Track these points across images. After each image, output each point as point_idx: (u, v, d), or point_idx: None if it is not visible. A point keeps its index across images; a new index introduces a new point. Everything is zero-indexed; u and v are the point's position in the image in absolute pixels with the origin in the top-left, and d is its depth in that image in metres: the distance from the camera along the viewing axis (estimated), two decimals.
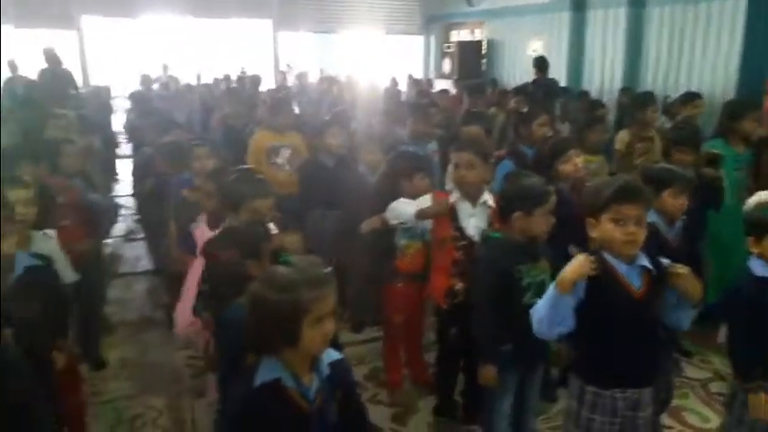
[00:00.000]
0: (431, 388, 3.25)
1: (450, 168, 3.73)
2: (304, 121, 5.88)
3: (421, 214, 2.85)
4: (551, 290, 1.91)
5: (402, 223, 2.96)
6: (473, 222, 2.75)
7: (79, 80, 10.63)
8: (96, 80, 10.26)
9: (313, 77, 10.84)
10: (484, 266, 2.42)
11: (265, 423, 1.50)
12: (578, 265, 1.87)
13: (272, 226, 1.94)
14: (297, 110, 6.73)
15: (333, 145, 4.02)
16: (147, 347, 3.86)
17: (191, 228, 3.42)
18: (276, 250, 1.55)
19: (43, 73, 7.79)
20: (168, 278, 4.37)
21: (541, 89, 6.92)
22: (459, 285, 2.74)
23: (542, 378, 2.68)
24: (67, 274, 2.62)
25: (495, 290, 2.34)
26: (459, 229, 2.76)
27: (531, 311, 1.98)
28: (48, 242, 2.54)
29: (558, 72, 8.75)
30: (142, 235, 5.81)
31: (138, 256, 5.45)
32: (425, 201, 2.87)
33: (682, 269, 1.96)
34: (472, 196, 2.77)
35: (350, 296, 3.95)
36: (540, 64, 7.54)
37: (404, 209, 2.92)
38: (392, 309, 3.19)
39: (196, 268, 2.90)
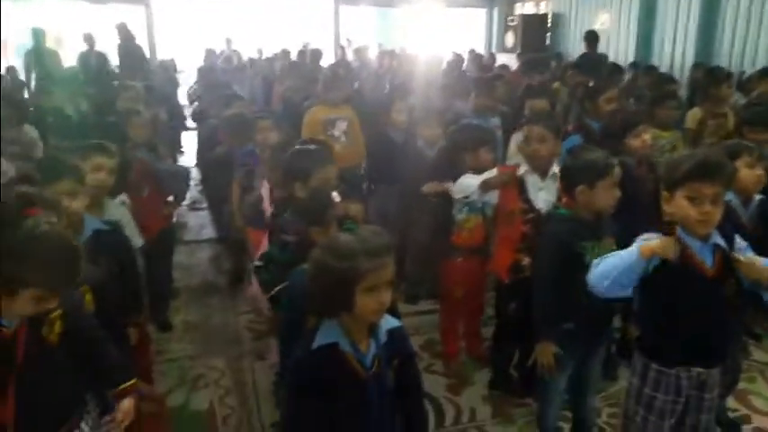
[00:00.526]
0: (486, 361, 3.25)
1: (513, 145, 3.70)
2: (363, 95, 5.89)
3: (486, 184, 2.81)
4: (633, 252, 1.83)
5: (465, 197, 2.93)
6: (542, 196, 2.71)
7: (147, 54, 10.98)
8: (163, 54, 10.53)
9: (373, 52, 10.81)
10: (547, 242, 2.39)
11: (322, 385, 1.53)
12: (667, 244, 1.79)
13: (335, 195, 1.96)
14: (356, 85, 6.77)
15: (399, 120, 4.02)
16: (209, 311, 4.00)
17: (254, 198, 3.53)
18: (342, 217, 1.57)
19: (119, 48, 8.11)
20: (230, 246, 4.52)
21: (589, 63, 6.74)
22: (525, 260, 2.70)
23: (604, 356, 2.64)
24: (135, 240, 2.72)
25: (556, 266, 2.30)
26: (528, 202, 2.72)
27: (594, 263, 1.91)
28: (119, 209, 2.65)
29: (626, 47, 8.43)
30: (206, 205, 6.03)
31: (202, 224, 5.63)
32: (490, 174, 2.84)
33: (743, 258, 1.88)
34: (542, 169, 2.72)
35: (407, 269, 3.98)
36: (590, 37, 7.37)
37: (469, 182, 2.89)
38: (450, 283, 3.19)
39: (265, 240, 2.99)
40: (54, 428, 1.53)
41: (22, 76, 7.82)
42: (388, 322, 1.64)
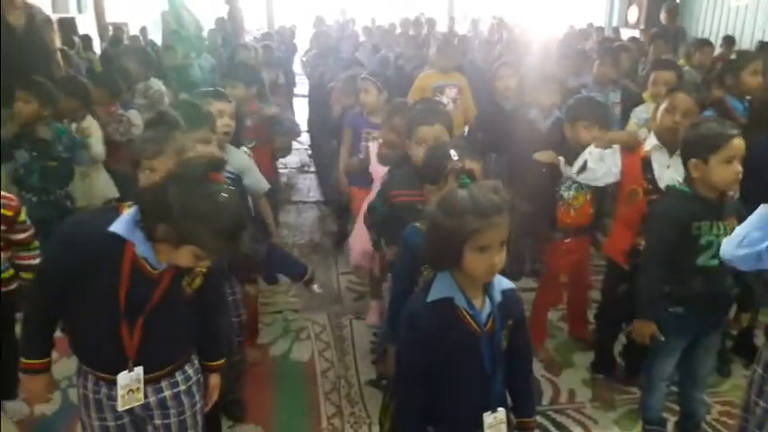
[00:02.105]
0: (588, 343, 3.14)
1: (632, 121, 3.47)
2: (475, 65, 5.78)
3: (609, 139, 2.65)
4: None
5: (581, 169, 2.77)
6: (668, 174, 2.50)
7: (264, 21, 11.36)
8: (281, 21, 10.83)
9: (486, 24, 10.55)
10: (658, 217, 2.25)
11: (436, 339, 1.52)
12: None
13: (453, 152, 1.93)
14: (468, 55, 6.65)
15: (505, 87, 3.91)
16: (313, 268, 4.07)
17: (360, 158, 3.58)
18: (459, 171, 1.54)
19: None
20: (335, 208, 4.63)
21: (669, 35, 6.24)
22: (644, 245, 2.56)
23: (718, 349, 2.47)
24: (262, 184, 2.79)
25: (667, 245, 2.16)
26: (653, 182, 2.54)
27: (736, 231, 1.73)
28: (241, 156, 2.74)
29: (765, 23, 7.69)
30: (314, 168, 6.21)
31: (309, 186, 5.81)
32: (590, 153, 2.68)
33: None
34: (672, 146, 2.51)
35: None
36: (670, 9, 7.09)
37: (587, 153, 2.73)
38: (555, 265, 3.08)
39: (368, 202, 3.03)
40: (165, 364, 1.64)
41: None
42: (502, 283, 1.61)
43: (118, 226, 1.45)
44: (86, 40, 8.06)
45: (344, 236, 4.43)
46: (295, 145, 5.79)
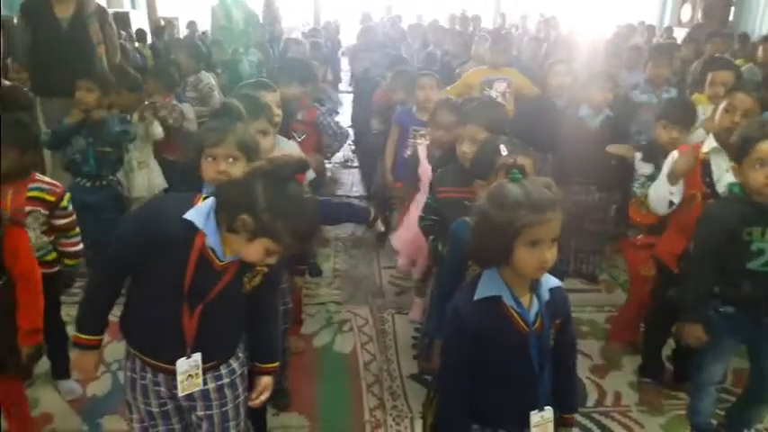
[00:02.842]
0: (636, 347, 3.08)
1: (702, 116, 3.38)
2: (524, 64, 5.73)
3: (673, 176, 2.51)
4: None
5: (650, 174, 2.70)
6: (727, 178, 2.39)
7: (311, 16, 11.46)
8: (327, 16, 10.91)
9: (533, 21, 10.44)
10: (709, 221, 2.19)
11: (483, 337, 1.51)
12: None
13: (503, 148, 1.92)
14: (515, 52, 6.59)
15: (556, 84, 3.86)
16: (356, 262, 4.15)
17: (408, 155, 3.58)
18: (509, 166, 1.53)
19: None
20: (378, 203, 4.65)
21: (725, 33, 6.05)
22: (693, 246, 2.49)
23: None
24: (308, 173, 2.83)
25: (715, 248, 2.11)
26: (711, 186, 2.45)
27: None
28: (291, 145, 2.76)
29: None
30: (357, 163, 6.24)
31: (353, 181, 5.85)
32: (672, 159, 2.60)
33: None
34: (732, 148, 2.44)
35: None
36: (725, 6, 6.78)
37: (662, 189, 2.59)
38: (638, 263, 2.97)
39: (419, 199, 3.03)
40: (217, 354, 1.67)
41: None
42: (550, 281, 1.59)
43: (193, 214, 1.49)
44: (140, 34, 8.27)
45: (387, 230, 4.46)
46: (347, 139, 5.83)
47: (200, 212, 1.50)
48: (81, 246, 2.58)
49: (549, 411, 1.61)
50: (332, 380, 2.90)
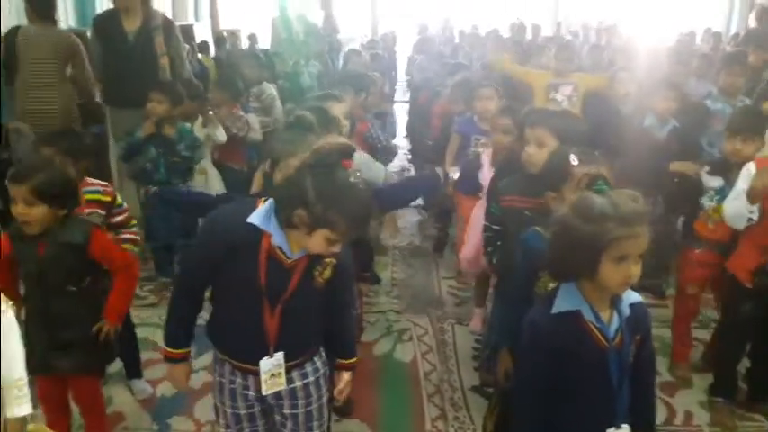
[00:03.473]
0: (706, 364, 2.97)
1: None
2: (583, 69, 5.64)
3: (754, 194, 2.38)
4: None
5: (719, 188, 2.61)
6: None
7: (368, 28, 11.60)
8: (384, 28, 11.01)
9: (592, 30, 10.26)
10: None
11: (561, 353, 1.49)
12: None
13: (573, 158, 1.88)
14: (577, 60, 6.50)
15: (624, 94, 3.79)
16: (414, 272, 4.15)
17: (470, 164, 3.57)
18: (594, 177, 1.50)
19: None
20: (436, 213, 4.65)
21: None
22: None
23: None
24: (379, 179, 2.84)
25: None
26: None
27: None
28: (360, 153, 2.80)
29: None
30: (413, 173, 6.24)
31: None
32: (748, 173, 2.50)
33: None
34: None
35: None
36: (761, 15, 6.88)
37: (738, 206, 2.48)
38: (687, 277, 2.91)
39: (480, 209, 3.01)
40: (298, 354, 1.70)
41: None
42: (631, 296, 1.55)
43: (255, 217, 1.53)
44: (203, 45, 8.55)
45: (445, 241, 4.45)
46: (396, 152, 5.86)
47: (261, 214, 1.54)
48: (138, 236, 2.69)
49: (626, 429, 1.56)
50: (392, 388, 2.90)
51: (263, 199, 1.59)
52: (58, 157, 2.32)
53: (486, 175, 3.10)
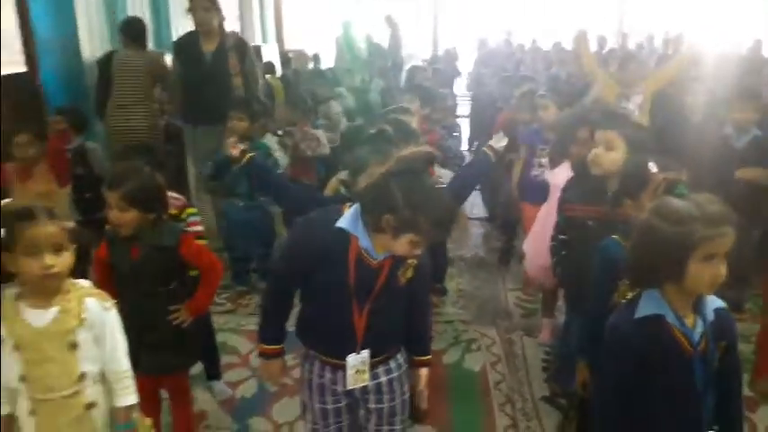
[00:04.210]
0: None
1: None
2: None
3: None
4: None
5: None
6: None
7: (429, 43, 11.72)
8: (446, 43, 11.11)
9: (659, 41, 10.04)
10: None
11: (645, 357, 1.49)
12: None
13: (652, 165, 1.89)
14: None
15: (696, 104, 3.72)
16: (480, 283, 4.17)
17: (534, 175, 3.59)
18: (673, 181, 1.52)
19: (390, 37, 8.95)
20: (501, 225, 4.65)
21: None
22: None
23: None
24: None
25: None
26: None
27: None
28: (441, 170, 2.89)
29: None
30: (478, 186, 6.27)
31: (472, 203, 5.85)
32: None
33: None
34: None
35: None
36: None
37: None
38: None
39: (546, 215, 3.03)
40: (383, 351, 1.78)
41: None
42: (715, 301, 1.54)
43: (343, 222, 1.62)
44: (269, 66, 8.86)
45: (511, 252, 4.45)
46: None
47: (349, 219, 1.63)
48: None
49: None
50: (463, 396, 2.93)
51: (347, 204, 1.68)
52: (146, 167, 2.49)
53: (554, 184, 3.11)
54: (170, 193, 2.71)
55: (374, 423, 1.82)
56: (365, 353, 1.72)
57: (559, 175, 3.04)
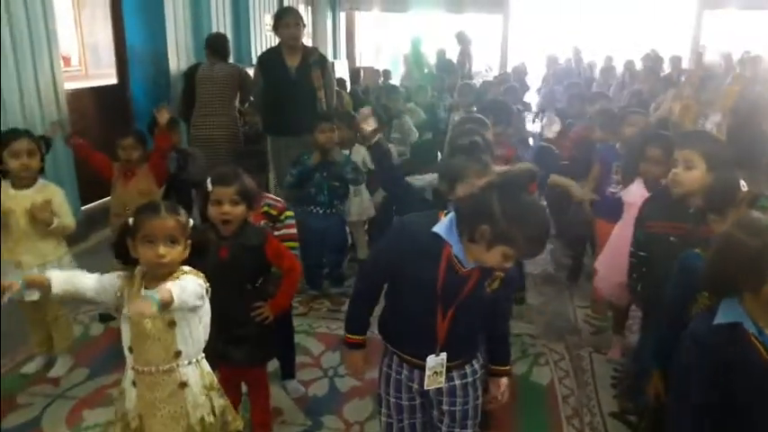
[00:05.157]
0: None
1: None
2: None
3: None
4: None
5: None
6: None
7: (497, 60, 11.76)
8: (515, 59, 11.12)
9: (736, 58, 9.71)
10: None
11: (724, 364, 1.51)
12: None
13: (742, 183, 1.89)
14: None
15: None
16: (547, 299, 4.17)
17: (611, 192, 3.58)
18: (755, 196, 1.54)
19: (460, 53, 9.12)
20: (570, 241, 4.62)
21: None
22: None
23: None
24: None
25: None
26: None
27: None
28: None
29: None
30: (544, 201, 6.23)
31: None
32: None
33: None
34: None
35: None
36: None
37: None
38: None
39: (621, 232, 3.04)
40: (462, 354, 1.85)
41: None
42: None
43: (439, 228, 1.69)
44: (341, 82, 9.13)
45: (580, 269, 4.42)
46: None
47: (445, 226, 1.69)
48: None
49: None
50: (531, 408, 2.95)
51: (444, 212, 1.76)
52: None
53: (632, 201, 3.10)
54: (271, 196, 2.90)
55: (446, 424, 1.88)
56: (444, 355, 1.78)
57: (633, 193, 3.05)
